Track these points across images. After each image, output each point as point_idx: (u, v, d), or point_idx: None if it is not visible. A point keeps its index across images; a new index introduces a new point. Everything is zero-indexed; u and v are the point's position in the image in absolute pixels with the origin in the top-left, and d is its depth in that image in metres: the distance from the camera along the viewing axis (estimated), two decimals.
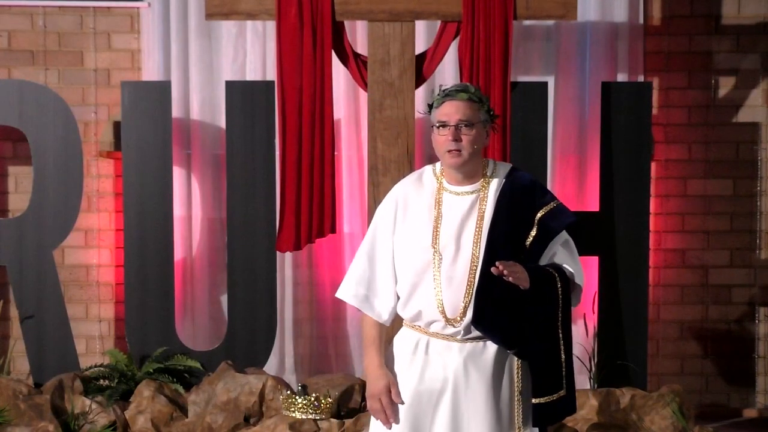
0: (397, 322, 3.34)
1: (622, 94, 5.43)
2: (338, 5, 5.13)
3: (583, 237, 5.32)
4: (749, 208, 6.04)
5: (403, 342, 3.27)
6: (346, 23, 5.31)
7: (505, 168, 3.28)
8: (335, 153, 5.27)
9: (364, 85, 5.22)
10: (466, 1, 5.11)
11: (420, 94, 5.43)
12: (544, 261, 3.20)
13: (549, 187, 5.57)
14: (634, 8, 5.93)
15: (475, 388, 3.15)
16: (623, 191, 5.40)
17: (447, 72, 5.81)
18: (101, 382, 5.32)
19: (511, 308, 3.10)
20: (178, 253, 5.71)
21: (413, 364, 3.21)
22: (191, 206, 5.92)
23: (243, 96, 5.39)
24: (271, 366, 5.63)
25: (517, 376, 3.19)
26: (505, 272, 3.01)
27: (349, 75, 5.37)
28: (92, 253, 5.95)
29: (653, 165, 5.79)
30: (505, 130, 5.17)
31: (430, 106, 3.24)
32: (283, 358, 5.96)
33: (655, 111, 5.87)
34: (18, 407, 5.06)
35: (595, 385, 5.38)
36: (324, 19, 5.13)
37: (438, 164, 3.30)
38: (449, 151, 3.16)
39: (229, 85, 5.46)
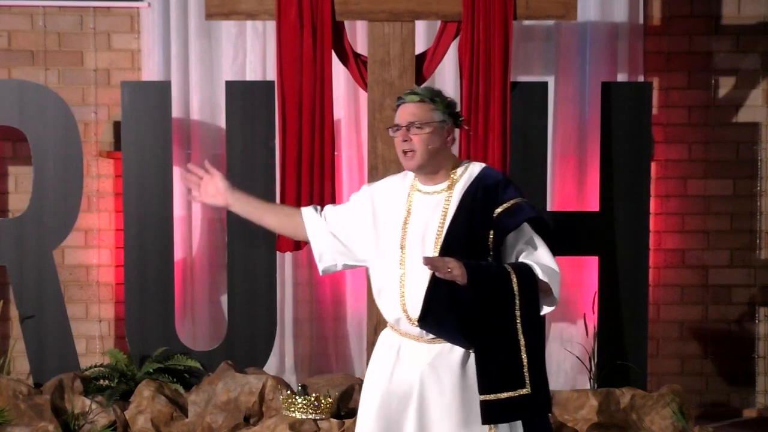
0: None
1: (622, 94, 5.43)
2: (338, 5, 5.13)
3: (583, 237, 5.41)
4: (749, 208, 6.04)
5: (381, 343, 3.33)
6: (346, 23, 5.31)
7: (476, 167, 3.27)
8: (335, 153, 5.27)
9: (364, 85, 5.22)
10: (466, 1, 5.11)
11: None
12: (511, 260, 3.17)
13: (549, 187, 5.57)
14: (634, 8, 5.93)
15: (443, 388, 3.15)
16: (623, 191, 5.39)
17: (447, 72, 5.81)
18: (101, 382, 5.32)
19: (457, 306, 3.07)
20: (178, 253, 5.71)
21: (385, 364, 3.25)
22: (191, 206, 5.91)
23: (243, 96, 5.39)
24: (271, 366, 5.63)
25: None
26: (429, 266, 2.99)
27: (349, 75, 5.37)
28: (92, 253, 5.95)
29: (653, 165, 5.79)
30: (505, 130, 5.17)
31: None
32: (283, 358, 5.96)
33: (655, 111, 5.87)
34: (18, 407, 5.06)
35: (595, 385, 5.38)
36: (324, 19, 5.12)
37: None
38: (403, 153, 3.19)
39: (229, 85, 5.46)
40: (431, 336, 3.17)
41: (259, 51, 5.90)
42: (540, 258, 3.16)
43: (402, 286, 3.18)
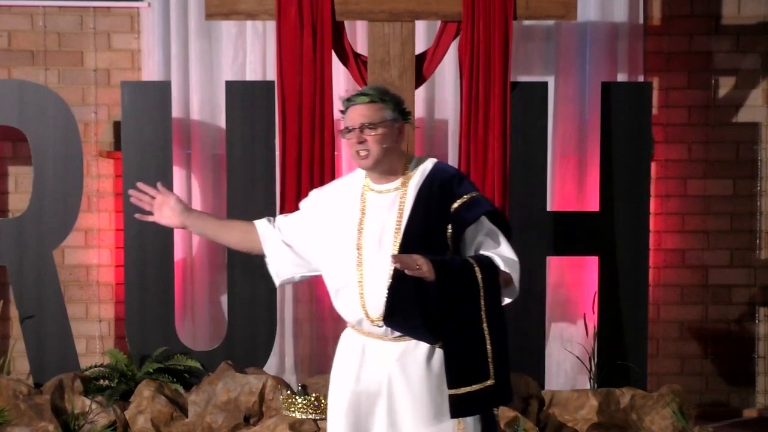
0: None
1: (622, 94, 5.43)
2: (338, 5, 5.13)
3: (583, 237, 5.41)
4: (749, 208, 6.04)
5: (344, 344, 3.32)
6: (346, 23, 5.31)
7: (428, 163, 3.27)
8: (335, 153, 5.27)
9: (364, 85, 5.22)
10: (466, 1, 5.11)
11: (420, 94, 5.42)
12: (470, 253, 3.18)
13: (549, 187, 5.58)
14: (634, 8, 5.93)
15: (412, 385, 3.15)
16: (623, 191, 5.40)
17: (447, 72, 5.81)
18: (101, 382, 5.32)
19: (422, 302, 3.08)
20: (178, 253, 5.71)
21: (350, 365, 3.24)
22: (191, 206, 5.90)
23: (243, 96, 5.39)
24: (271, 366, 5.63)
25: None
26: (397, 265, 2.99)
27: (349, 75, 5.37)
28: (92, 253, 5.95)
29: (653, 165, 5.79)
30: (505, 130, 5.17)
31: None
32: (283, 358, 5.96)
33: (655, 111, 5.87)
34: (18, 407, 5.06)
35: (595, 385, 5.38)
36: (324, 19, 5.13)
37: None
38: (358, 154, 3.19)
39: (229, 85, 5.46)
40: (396, 334, 3.17)
41: (259, 51, 5.90)
42: (500, 249, 3.18)
43: (361, 287, 3.18)
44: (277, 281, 3.45)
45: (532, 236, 5.34)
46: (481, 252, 3.16)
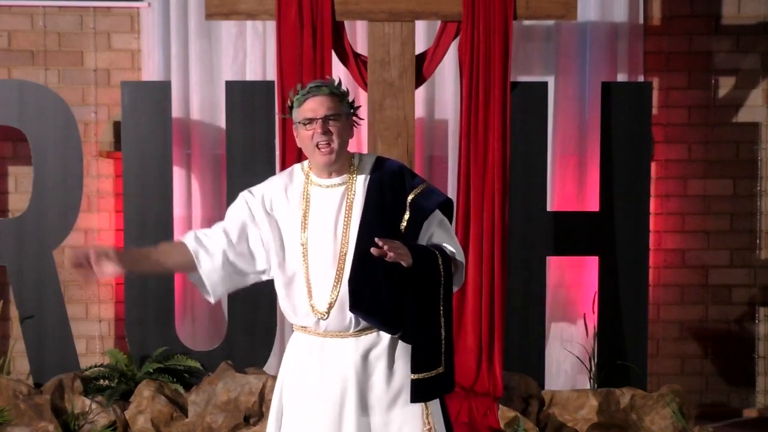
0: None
1: (622, 94, 5.43)
2: (338, 5, 5.13)
3: (583, 237, 5.41)
4: (749, 208, 6.04)
5: (295, 348, 3.25)
6: (346, 23, 5.31)
7: (371, 158, 3.28)
8: None
9: (364, 85, 5.22)
10: (466, 1, 5.11)
11: (420, 94, 5.42)
12: (423, 242, 3.19)
13: (549, 187, 5.58)
14: (634, 8, 5.93)
15: (377, 378, 3.15)
16: (623, 191, 5.40)
17: (447, 72, 5.81)
18: (101, 382, 5.32)
19: (388, 290, 3.10)
20: None
21: (309, 369, 3.19)
22: (191, 206, 5.91)
23: (243, 96, 5.39)
24: (271, 366, 5.62)
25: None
26: (386, 248, 2.98)
27: (349, 75, 5.37)
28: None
29: (653, 165, 5.79)
30: (505, 130, 5.17)
31: (291, 108, 3.22)
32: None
33: (655, 111, 5.87)
34: (18, 407, 5.06)
35: (595, 385, 5.38)
36: (324, 19, 5.13)
37: (305, 162, 3.28)
38: (319, 146, 3.14)
39: (229, 85, 5.46)
40: (355, 329, 3.16)
41: (259, 51, 5.90)
42: (453, 241, 3.22)
43: (307, 282, 3.15)
44: (212, 299, 3.26)
45: (532, 236, 5.35)
46: (434, 242, 3.19)
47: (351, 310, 3.12)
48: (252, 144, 5.38)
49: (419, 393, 3.14)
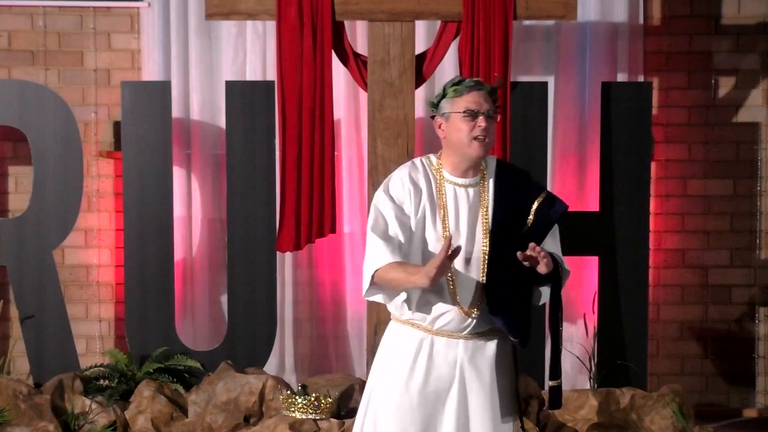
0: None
1: (622, 94, 5.43)
2: (338, 5, 5.13)
3: (583, 237, 5.41)
4: (749, 208, 6.04)
5: (402, 342, 3.22)
6: (346, 23, 5.31)
7: (493, 160, 3.29)
8: (335, 153, 5.27)
9: (364, 85, 5.22)
10: (466, 1, 5.11)
11: (420, 94, 5.42)
12: None
13: (549, 186, 5.58)
14: (634, 8, 5.93)
15: (481, 383, 3.17)
16: (623, 191, 5.40)
17: (447, 72, 5.80)
18: (101, 382, 5.32)
19: (521, 296, 3.17)
20: (178, 253, 5.71)
21: (417, 365, 3.19)
22: (191, 206, 5.92)
23: (243, 96, 5.39)
24: (271, 366, 5.63)
25: (513, 371, 3.26)
26: (534, 252, 3.02)
27: (349, 75, 5.37)
28: (92, 253, 5.95)
29: (653, 165, 5.79)
30: (505, 130, 5.17)
31: (442, 97, 3.19)
32: (283, 358, 5.95)
33: (655, 111, 5.87)
34: (18, 407, 5.06)
35: (595, 385, 5.38)
36: (324, 19, 5.12)
37: (432, 156, 3.27)
38: (476, 139, 3.13)
39: (229, 85, 5.46)
40: (473, 331, 3.17)
41: (259, 51, 5.90)
42: (558, 248, 3.29)
43: (452, 278, 3.13)
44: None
45: None
46: (545, 249, 3.19)
47: (491, 313, 3.14)
48: (252, 144, 5.38)
49: (553, 401, 3.25)
